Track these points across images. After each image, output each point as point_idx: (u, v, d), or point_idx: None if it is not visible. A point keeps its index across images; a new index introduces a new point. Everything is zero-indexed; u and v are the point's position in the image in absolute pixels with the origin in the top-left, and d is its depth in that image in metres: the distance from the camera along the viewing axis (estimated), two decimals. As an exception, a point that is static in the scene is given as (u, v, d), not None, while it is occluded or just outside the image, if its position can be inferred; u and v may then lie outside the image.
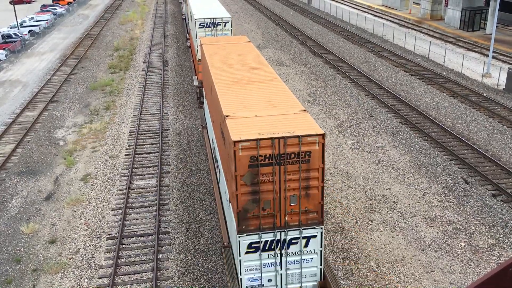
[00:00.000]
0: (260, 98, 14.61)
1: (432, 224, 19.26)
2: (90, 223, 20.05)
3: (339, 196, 21.44)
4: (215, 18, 27.87)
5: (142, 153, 26.08)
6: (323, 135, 11.96)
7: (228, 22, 27.95)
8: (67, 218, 20.46)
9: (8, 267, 17.55)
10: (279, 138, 11.83)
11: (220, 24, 27.88)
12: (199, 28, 27.84)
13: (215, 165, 18.81)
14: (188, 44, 40.85)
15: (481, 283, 3.19)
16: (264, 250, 12.57)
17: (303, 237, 12.62)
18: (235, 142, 11.68)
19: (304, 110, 13.52)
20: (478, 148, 25.10)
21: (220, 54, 19.68)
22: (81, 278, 16.81)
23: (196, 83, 29.78)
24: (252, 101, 14.31)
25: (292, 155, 12.00)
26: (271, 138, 11.80)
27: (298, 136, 11.85)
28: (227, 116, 13.09)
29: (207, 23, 27.70)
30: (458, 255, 17.46)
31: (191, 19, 32.75)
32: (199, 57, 28.24)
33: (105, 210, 20.89)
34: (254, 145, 11.80)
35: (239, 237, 12.33)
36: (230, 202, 13.21)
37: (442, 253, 17.56)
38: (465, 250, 17.71)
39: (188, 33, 44.28)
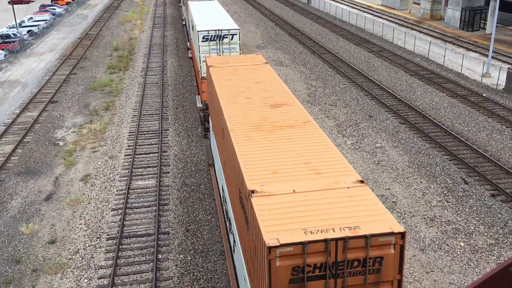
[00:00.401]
0: (294, 156, 10.94)
1: (432, 224, 19.28)
2: (89, 223, 20.06)
3: (339, 196, 21.43)
4: (221, 30, 24.78)
5: (141, 154, 26.08)
6: (403, 234, 8.26)
7: (236, 34, 24.85)
8: (67, 219, 20.46)
9: (8, 268, 17.56)
10: (336, 239, 8.09)
11: (227, 37, 24.80)
12: (202, 41, 24.84)
13: (228, 225, 14.66)
14: (190, 56, 38.03)
15: (481, 283, 3.20)
16: None
17: None
18: (270, 248, 7.97)
19: (362, 181, 9.75)
20: (477, 148, 25.12)
21: (232, 82, 16.33)
22: (80, 279, 16.82)
23: (199, 104, 26.38)
24: (284, 162, 10.68)
25: (355, 263, 8.34)
26: (324, 241, 8.07)
27: (365, 237, 8.16)
28: (252, 191, 9.41)
29: (211, 35, 24.70)
30: (458, 255, 17.48)
31: (192, 29, 29.36)
32: (203, 75, 25.56)
33: (104, 211, 20.90)
34: (300, 251, 8.06)
35: None
36: None
37: (442, 253, 17.58)
38: (464, 250, 17.73)
39: (189, 41, 39.96)
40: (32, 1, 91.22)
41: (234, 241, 12.85)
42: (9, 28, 58.84)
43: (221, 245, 18.15)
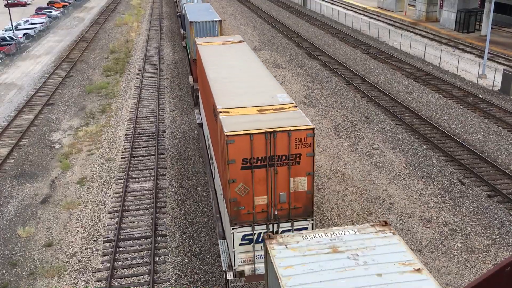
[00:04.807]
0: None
1: (429, 225, 19.31)
2: (86, 226, 20.00)
3: (336, 197, 21.47)
4: None
5: (138, 156, 26.04)
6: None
7: None
8: (64, 222, 20.40)
9: (4, 271, 17.49)
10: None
11: None
12: None
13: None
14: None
15: (478, 283, 3.20)
16: None
17: None
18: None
19: (295, 107, 13.86)
20: (473, 149, 25.19)
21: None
22: (77, 282, 16.76)
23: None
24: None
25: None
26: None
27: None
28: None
29: None
30: (455, 256, 17.51)
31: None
32: None
33: (101, 213, 20.85)
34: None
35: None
36: None
37: (439, 254, 17.60)
38: (461, 251, 17.76)
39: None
40: (29, 4, 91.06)
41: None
42: (5, 31, 58.71)
43: (217, 245, 18.11)
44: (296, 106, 13.87)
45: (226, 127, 12.54)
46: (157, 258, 17.81)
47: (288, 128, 12.42)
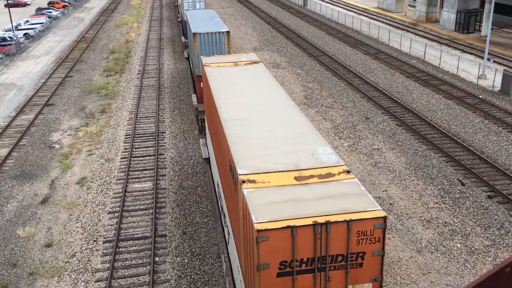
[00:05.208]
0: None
1: (428, 225, 19.31)
2: (86, 226, 20.00)
3: (336, 198, 21.45)
4: None
5: (138, 156, 26.04)
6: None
7: None
8: (63, 222, 20.40)
9: (4, 271, 17.48)
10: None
11: None
12: None
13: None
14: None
15: (477, 284, 3.20)
16: None
17: None
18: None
19: (348, 172, 10.23)
20: (473, 149, 25.19)
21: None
22: (77, 282, 16.76)
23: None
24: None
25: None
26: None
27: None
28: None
29: None
30: (454, 256, 17.51)
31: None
32: None
33: (101, 214, 20.85)
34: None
35: None
36: None
37: (438, 255, 17.60)
38: (461, 251, 17.76)
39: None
40: (29, 4, 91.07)
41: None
42: (5, 31, 58.72)
43: (218, 248, 18.12)
44: (349, 172, 10.16)
45: (255, 214, 8.82)
46: (157, 259, 17.81)
47: (347, 217, 8.79)
